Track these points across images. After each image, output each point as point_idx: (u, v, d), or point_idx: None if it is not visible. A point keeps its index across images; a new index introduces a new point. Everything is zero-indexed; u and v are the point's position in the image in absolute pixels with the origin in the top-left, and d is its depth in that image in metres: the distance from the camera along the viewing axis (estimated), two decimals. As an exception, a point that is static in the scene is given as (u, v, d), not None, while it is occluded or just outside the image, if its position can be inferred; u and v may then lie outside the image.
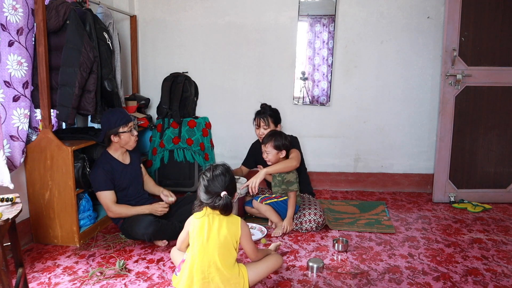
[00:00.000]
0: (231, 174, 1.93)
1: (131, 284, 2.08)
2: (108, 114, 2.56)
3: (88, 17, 2.63)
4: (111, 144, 2.59)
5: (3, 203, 1.71)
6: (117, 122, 2.51)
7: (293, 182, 2.80)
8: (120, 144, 2.58)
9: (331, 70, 3.66)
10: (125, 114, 2.58)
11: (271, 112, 3.04)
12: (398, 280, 2.13)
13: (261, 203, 2.82)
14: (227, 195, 1.84)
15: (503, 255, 2.42)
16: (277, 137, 2.79)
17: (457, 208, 3.30)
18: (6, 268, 1.56)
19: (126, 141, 2.57)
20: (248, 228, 1.94)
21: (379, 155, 3.78)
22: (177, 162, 3.60)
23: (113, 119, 2.51)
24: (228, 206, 1.83)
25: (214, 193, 1.84)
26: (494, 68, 3.27)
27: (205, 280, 1.83)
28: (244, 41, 3.71)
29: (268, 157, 2.81)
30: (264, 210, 2.80)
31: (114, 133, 2.52)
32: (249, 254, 1.95)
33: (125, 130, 2.54)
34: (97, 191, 2.51)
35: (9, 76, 2.31)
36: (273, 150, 2.78)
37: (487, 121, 3.35)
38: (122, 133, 2.54)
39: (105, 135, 2.54)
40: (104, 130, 2.54)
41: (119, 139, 2.55)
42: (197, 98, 3.84)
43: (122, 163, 2.63)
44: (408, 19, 3.55)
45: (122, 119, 2.53)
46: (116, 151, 2.62)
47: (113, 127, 2.51)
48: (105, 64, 2.75)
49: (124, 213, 2.53)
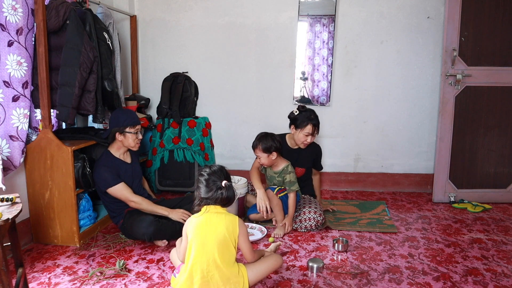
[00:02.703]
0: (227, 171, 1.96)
1: (131, 284, 2.08)
2: (118, 112, 2.61)
3: (88, 17, 2.63)
4: (113, 143, 2.62)
5: (3, 203, 1.71)
6: (126, 122, 2.55)
7: (294, 182, 2.80)
8: (123, 143, 2.60)
9: (331, 70, 3.66)
10: (135, 116, 2.62)
11: (319, 121, 2.91)
12: (398, 280, 2.13)
13: (277, 194, 2.79)
14: (228, 183, 1.86)
15: (503, 255, 2.42)
16: (264, 141, 2.74)
17: (457, 208, 3.30)
18: (6, 268, 1.56)
19: (129, 142, 2.60)
20: (245, 227, 1.94)
21: (379, 155, 3.78)
22: (177, 162, 3.60)
23: (122, 118, 2.56)
24: (232, 195, 1.87)
25: (215, 185, 1.86)
26: (494, 68, 3.27)
27: (205, 279, 1.83)
28: (244, 41, 3.71)
29: (261, 161, 2.80)
30: (276, 204, 2.77)
31: (120, 132, 2.55)
32: (245, 254, 1.95)
33: (131, 131, 2.57)
34: (108, 187, 2.51)
35: (8, 76, 2.31)
36: (263, 154, 2.76)
37: (487, 121, 3.35)
38: (128, 133, 2.56)
39: (111, 132, 2.57)
40: (111, 127, 2.58)
41: (123, 138, 2.58)
42: (197, 98, 3.84)
43: (124, 161, 2.66)
44: (408, 19, 3.55)
45: (131, 120, 2.58)
46: (118, 150, 2.64)
47: (120, 125, 2.55)
48: (105, 64, 2.75)
49: (145, 206, 2.54)
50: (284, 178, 2.82)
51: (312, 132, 2.86)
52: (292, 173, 2.82)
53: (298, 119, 2.88)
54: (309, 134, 2.86)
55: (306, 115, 2.87)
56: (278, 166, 2.85)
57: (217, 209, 1.89)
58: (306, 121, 2.85)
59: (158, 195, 3.52)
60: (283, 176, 2.82)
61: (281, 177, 2.83)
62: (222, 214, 1.88)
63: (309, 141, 2.90)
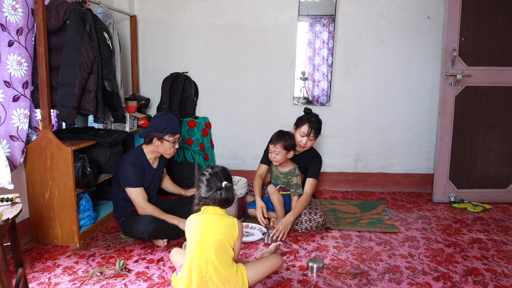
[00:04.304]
0: (229, 172, 1.97)
1: (131, 284, 2.08)
2: (161, 117, 2.57)
3: (88, 17, 2.63)
4: (149, 144, 2.60)
5: (3, 203, 1.71)
6: (167, 129, 2.52)
7: (300, 185, 2.82)
8: (158, 149, 2.59)
9: (331, 70, 3.66)
10: (177, 125, 2.59)
11: (319, 125, 2.88)
12: (398, 280, 2.13)
13: (279, 191, 2.80)
14: (228, 184, 1.87)
15: (503, 255, 2.42)
16: (287, 137, 2.79)
17: (457, 208, 3.31)
18: (6, 268, 1.56)
19: (165, 149, 2.58)
20: (243, 230, 1.95)
21: (379, 155, 3.78)
22: (177, 162, 3.60)
23: (164, 124, 2.53)
24: (231, 196, 1.87)
25: (215, 186, 1.87)
26: (494, 68, 3.27)
27: (203, 279, 1.83)
28: (244, 41, 3.71)
29: (276, 157, 2.80)
30: (276, 199, 2.76)
31: (159, 138, 2.54)
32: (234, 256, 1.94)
33: (170, 139, 2.55)
34: (129, 186, 2.50)
35: (9, 76, 2.31)
36: (283, 151, 2.78)
37: (487, 121, 3.35)
38: (166, 141, 2.55)
39: (149, 134, 2.55)
40: (150, 129, 2.55)
41: (160, 144, 2.56)
42: (197, 98, 3.84)
43: (151, 165, 2.64)
44: (408, 19, 3.55)
45: (172, 128, 2.55)
46: (151, 153, 2.63)
47: (160, 132, 2.52)
48: (105, 64, 2.75)
49: (157, 215, 2.49)
50: (290, 180, 2.82)
51: (307, 133, 2.82)
52: (299, 176, 2.84)
53: (299, 119, 2.90)
54: (304, 135, 2.83)
55: (307, 116, 2.88)
56: (286, 167, 2.88)
57: (215, 210, 1.89)
58: (304, 121, 2.85)
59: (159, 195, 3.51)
60: (289, 178, 2.83)
61: (286, 178, 2.84)
62: (221, 215, 1.89)
63: (305, 143, 2.84)
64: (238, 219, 2.91)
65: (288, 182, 2.84)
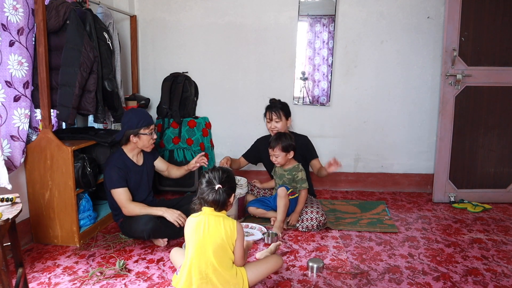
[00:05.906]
0: (232, 176, 1.96)
1: (131, 284, 2.08)
2: (130, 114, 2.55)
3: (88, 17, 2.63)
4: (127, 144, 2.58)
5: (3, 203, 1.71)
6: (140, 123, 2.50)
7: (305, 180, 2.84)
8: (137, 145, 2.57)
9: (331, 70, 3.66)
10: (148, 116, 2.57)
11: (282, 105, 3.01)
12: (398, 280, 2.13)
13: (288, 196, 2.78)
14: (221, 189, 1.85)
15: (503, 255, 2.42)
16: (283, 139, 2.79)
17: (457, 208, 3.31)
18: (6, 268, 1.56)
19: (144, 143, 2.56)
20: (243, 233, 1.93)
21: (379, 155, 3.78)
22: (177, 162, 3.59)
23: (136, 119, 2.50)
24: (221, 200, 1.86)
25: (210, 187, 1.87)
26: (494, 68, 3.27)
27: (203, 280, 1.83)
28: (244, 41, 3.71)
29: (277, 160, 2.82)
30: (283, 204, 2.74)
31: (135, 134, 2.51)
32: (236, 259, 1.93)
33: (146, 132, 2.53)
34: (112, 188, 2.49)
35: (10, 76, 2.31)
36: (282, 153, 2.79)
37: (487, 121, 3.35)
38: (143, 135, 2.53)
39: (124, 134, 2.53)
40: (124, 129, 2.53)
41: (138, 140, 2.54)
42: (197, 98, 3.84)
43: (136, 164, 2.63)
44: (408, 19, 3.55)
45: (145, 120, 2.52)
46: (131, 151, 2.61)
47: (134, 128, 2.50)
48: (105, 64, 2.76)
49: (138, 211, 2.48)
50: (295, 176, 2.83)
51: (270, 117, 2.98)
52: (303, 171, 2.86)
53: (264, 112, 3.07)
54: (270, 121, 2.99)
55: (268, 105, 3.04)
56: (289, 164, 2.89)
57: (213, 211, 1.89)
58: (266, 110, 3.03)
59: (158, 195, 3.52)
60: (294, 174, 2.83)
61: (291, 174, 2.84)
62: (220, 217, 1.88)
63: (274, 127, 2.96)
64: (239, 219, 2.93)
65: (293, 178, 2.84)
